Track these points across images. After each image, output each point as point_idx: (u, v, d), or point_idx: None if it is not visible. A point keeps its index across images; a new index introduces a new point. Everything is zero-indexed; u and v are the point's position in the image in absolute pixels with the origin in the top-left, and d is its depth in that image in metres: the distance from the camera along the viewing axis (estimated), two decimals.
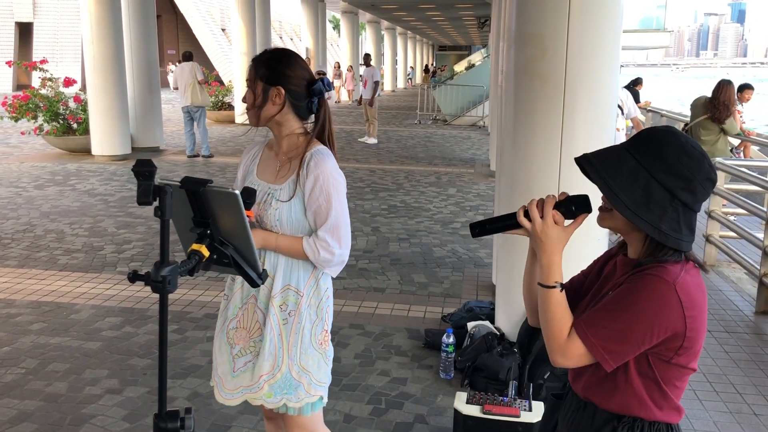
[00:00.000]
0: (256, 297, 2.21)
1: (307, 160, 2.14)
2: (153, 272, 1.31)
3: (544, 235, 1.49)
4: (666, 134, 1.45)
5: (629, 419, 1.50)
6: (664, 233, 1.41)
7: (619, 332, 1.42)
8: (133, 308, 4.84)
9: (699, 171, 1.41)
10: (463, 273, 5.80)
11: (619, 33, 3.80)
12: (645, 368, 1.47)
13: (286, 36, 47.89)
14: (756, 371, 4.05)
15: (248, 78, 2.16)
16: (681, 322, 1.41)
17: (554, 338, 1.48)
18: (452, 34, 46.70)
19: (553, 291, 1.48)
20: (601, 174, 1.44)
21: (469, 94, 19.70)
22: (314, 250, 2.12)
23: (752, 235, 5.49)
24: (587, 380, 1.56)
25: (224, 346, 2.25)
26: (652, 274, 1.42)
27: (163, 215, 1.30)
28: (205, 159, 11.91)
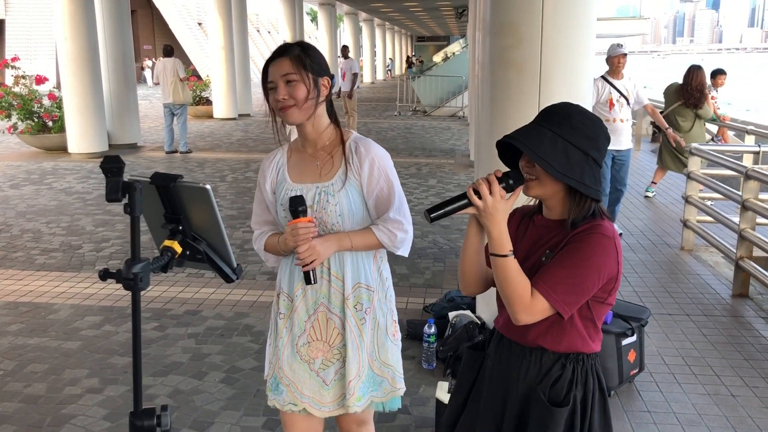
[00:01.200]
0: (325, 304, 2.13)
1: (353, 148, 2.10)
2: (124, 269, 1.30)
3: (494, 210, 1.65)
4: (567, 106, 1.72)
5: (574, 355, 1.75)
6: (588, 186, 1.65)
7: (577, 285, 1.66)
8: (113, 306, 4.80)
9: (600, 130, 1.70)
10: (445, 263, 5.81)
11: (594, 20, 3.82)
12: (585, 311, 1.73)
13: (263, 29, 47.59)
14: (733, 353, 4.11)
15: (289, 72, 2.00)
16: (615, 267, 1.68)
17: (519, 300, 1.66)
18: (430, 24, 46.64)
19: (509, 258, 1.66)
20: (530, 147, 1.64)
21: (448, 85, 19.71)
22: (389, 234, 2.10)
23: (728, 219, 5.56)
24: (536, 330, 1.75)
25: (299, 365, 2.15)
26: (597, 233, 1.67)
27: (133, 212, 1.28)
28: (183, 155, 11.82)
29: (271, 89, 2.04)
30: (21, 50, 27.69)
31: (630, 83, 6.32)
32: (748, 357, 4.06)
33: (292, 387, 2.16)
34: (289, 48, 2.05)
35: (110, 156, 1.26)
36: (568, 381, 1.74)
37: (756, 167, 5.12)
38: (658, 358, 4.03)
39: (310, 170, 2.13)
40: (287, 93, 2.00)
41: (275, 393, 2.20)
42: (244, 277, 5.47)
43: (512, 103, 3.77)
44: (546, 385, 1.75)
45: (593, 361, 1.78)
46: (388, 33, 49.60)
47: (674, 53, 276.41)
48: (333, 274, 2.12)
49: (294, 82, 2.01)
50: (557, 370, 1.75)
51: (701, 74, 7.53)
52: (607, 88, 6.21)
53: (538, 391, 1.75)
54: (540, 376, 1.76)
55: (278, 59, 2.03)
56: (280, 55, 2.03)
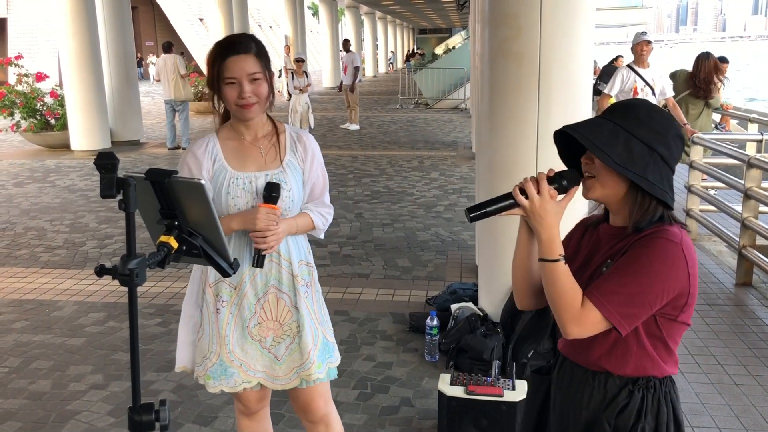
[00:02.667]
0: (276, 286, 2.21)
1: (295, 137, 2.24)
2: (120, 265, 1.30)
3: (543, 211, 1.51)
4: (635, 100, 1.60)
5: (643, 380, 1.57)
6: (651, 182, 1.48)
7: (635, 296, 1.48)
8: (117, 303, 4.81)
9: (670, 126, 1.53)
10: (447, 256, 5.82)
11: (593, 10, 3.80)
12: (653, 329, 1.54)
13: (264, 24, 47.49)
14: (737, 342, 4.11)
15: (256, 71, 2.04)
16: (686, 280, 1.50)
17: (568, 309, 1.51)
18: (432, 17, 46.50)
19: (559, 264, 1.52)
20: (586, 137, 1.50)
21: (450, 77, 19.66)
22: (323, 219, 2.30)
23: (731, 208, 5.54)
24: (598, 350, 1.60)
25: (250, 345, 2.22)
26: (661, 237, 1.50)
27: (128, 208, 1.29)
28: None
29: (230, 84, 2.05)
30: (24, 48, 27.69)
31: (656, 73, 6.27)
32: (752, 346, 4.05)
33: (244, 366, 2.23)
34: (247, 43, 2.07)
35: (104, 152, 1.27)
36: (637, 410, 1.58)
37: (758, 155, 5.10)
38: None
39: (252, 158, 2.18)
40: (252, 91, 2.05)
41: (222, 378, 2.23)
42: None
43: (511, 94, 3.76)
44: (611, 414, 1.59)
45: (667, 388, 1.60)
46: (389, 26, 49.46)
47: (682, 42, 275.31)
48: (282, 256, 2.21)
49: (258, 81, 2.06)
50: (624, 398, 1.58)
51: (709, 64, 7.33)
52: (632, 76, 6.18)
53: (603, 419, 1.60)
54: (605, 403, 1.60)
55: (241, 55, 2.04)
56: (243, 52, 2.05)
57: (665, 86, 6.24)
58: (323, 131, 14.04)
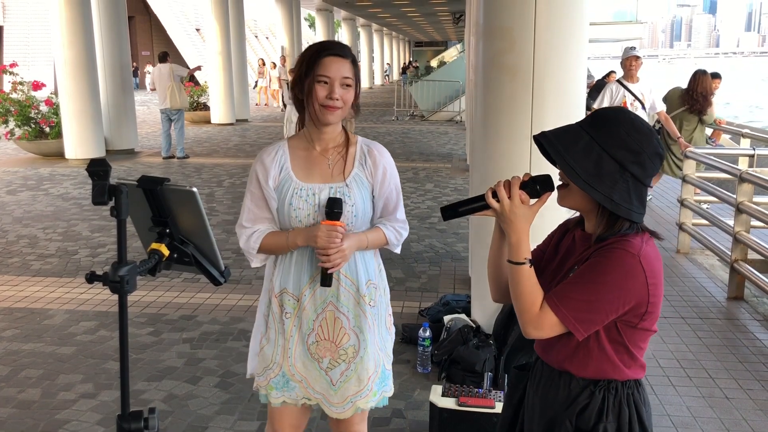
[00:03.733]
0: (334, 303, 2.14)
1: (365, 151, 2.18)
2: (111, 272, 1.30)
3: (512, 214, 1.56)
4: (618, 112, 1.57)
5: (604, 382, 1.62)
6: (616, 203, 1.51)
7: (589, 303, 1.53)
8: (108, 312, 4.79)
9: (648, 145, 1.53)
10: (441, 267, 5.82)
11: (586, 24, 3.83)
12: (614, 334, 1.59)
13: (261, 35, 47.66)
14: (728, 356, 4.11)
15: (349, 76, 2.05)
16: (645, 291, 1.53)
17: (527, 311, 1.57)
18: (428, 29, 46.76)
19: (523, 267, 1.57)
20: (557, 148, 1.53)
21: (445, 90, 19.73)
22: (397, 233, 2.21)
23: (723, 222, 5.57)
24: (561, 352, 1.65)
25: (310, 362, 2.17)
26: (618, 248, 1.53)
27: (119, 215, 1.29)
28: (180, 160, 11.82)
29: (322, 82, 2.03)
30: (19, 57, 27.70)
31: (646, 88, 6.28)
32: (743, 359, 4.06)
33: (305, 383, 2.18)
34: (347, 50, 2.08)
35: (96, 159, 1.27)
36: (597, 410, 1.62)
37: (750, 170, 5.13)
38: (653, 360, 4.03)
39: (319, 170, 2.13)
40: (341, 95, 2.03)
41: (284, 390, 2.19)
42: (240, 281, 5.47)
43: (505, 106, 3.78)
44: (572, 413, 1.64)
45: (630, 391, 1.64)
46: (386, 38, 49.70)
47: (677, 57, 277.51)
48: (343, 274, 2.14)
49: (349, 87, 2.06)
50: (585, 398, 1.63)
51: (706, 79, 7.45)
52: (621, 91, 6.19)
53: (564, 418, 1.65)
54: (567, 402, 1.65)
55: (339, 58, 2.04)
56: (342, 56, 2.05)
57: (655, 100, 6.28)
58: None
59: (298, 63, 2.10)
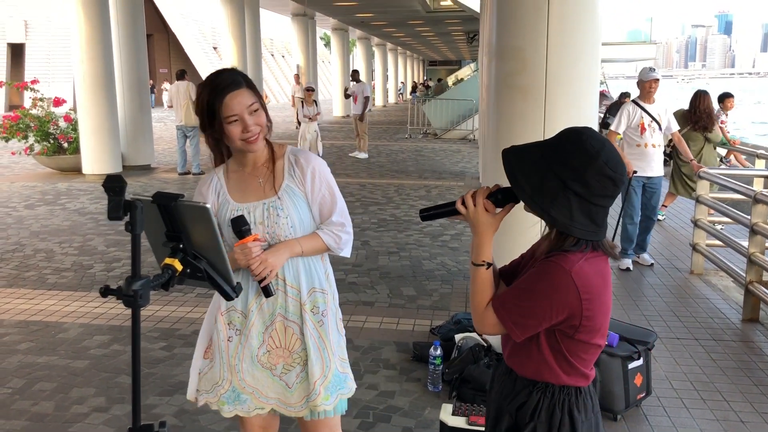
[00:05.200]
0: (282, 314, 2.19)
1: (292, 161, 2.20)
2: (124, 286, 1.33)
3: (476, 221, 1.71)
4: (575, 131, 1.64)
5: (542, 384, 1.73)
6: (552, 217, 1.59)
7: (523, 308, 1.65)
8: (122, 326, 4.83)
9: (590, 165, 1.57)
10: (452, 285, 5.81)
11: (599, 45, 3.85)
12: (553, 341, 1.69)
13: (277, 53, 48.14)
14: (743, 378, 4.07)
15: (253, 101, 2.06)
16: (577, 304, 1.61)
17: (475, 309, 1.73)
18: (442, 49, 47.01)
19: (481, 268, 1.72)
20: (510, 161, 1.66)
21: (458, 108, 19.80)
22: (335, 236, 2.23)
23: (738, 243, 5.53)
24: (510, 350, 1.79)
25: (260, 372, 2.21)
26: (553, 261, 1.63)
27: (134, 230, 1.32)
28: (196, 176, 11.92)
29: (232, 122, 2.04)
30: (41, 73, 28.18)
31: (662, 108, 6.20)
32: (758, 383, 4.02)
33: (256, 393, 2.23)
34: (237, 78, 2.07)
35: (112, 175, 1.30)
36: (532, 409, 1.73)
37: (764, 191, 5.10)
38: (666, 382, 3.99)
39: (252, 188, 2.18)
40: (254, 122, 2.06)
41: (236, 403, 2.24)
42: None
43: (517, 126, 3.80)
44: (513, 407, 1.77)
45: (567, 397, 1.72)
46: (400, 57, 50.00)
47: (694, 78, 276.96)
48: (288, 284, 2.19)
49: (258, 111, 2.07)
50: (524, 396, 1.75)
51: (708, 98, 7.58)
52: (639, 112, 6.08)
53: (507, 411, 1.78)
54: (511, 396, 1.78)
55: (236, 90, 2.04)
56: (237, 87, 2.04)
57: (671, 121, 6.24)
58: (332, 159, 14.12)
59: (198, 112, 2.10)
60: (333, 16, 26.31)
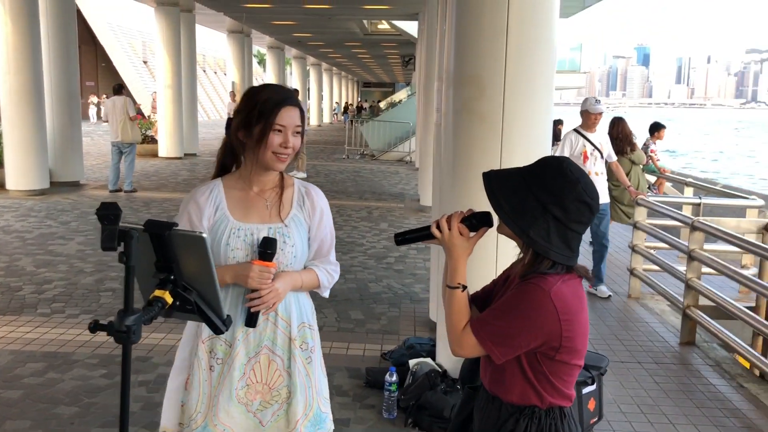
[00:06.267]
0: (269, 347, 2.11)
1: (303, 192, 2.19)
2: (117, 321, 1.24)
3: (451, 244, 1.74)
4: (556, 159, 1.71)
5: (529, 410, 1.72)
6: (531, 238, 1.63)
7: (503, 330, 1.66)
8: (57, 353, 4.57)
9: (570, 191, 1.64)
10: (400, 309, 5.79)
11: (554, 72, 3.94)
12: (535, 363, 1.69)
13: (209, 70, 47.42)
14: (686, 401, 4.19)
15: (299, 124, 2.07)
16: (557, 326, 1.63)
17: (452, 330, 1.73)
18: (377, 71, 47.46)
19: (456, 291, 1.74)
20: (491, 184, 1.70)
21: (395, 130, 19.97)
22: (329, 277, 2.22)
23: (675, 269, 5.73)
24: (491, 376, 1.78)
25: (235, 407, 2.09)
26: (532, 283, 1.65)
27: (129, 261, 1.23)
28: (128, 194, 11.54)
29: (278, 131, 2.03)
30: None
31: (604, 138, 6.36)
32: (700, 405, 4.15)
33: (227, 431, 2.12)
34: (296, 98, 2.10)
35: (107, 203, 1.22)
36: None
37: (701, 219, 5.32)
38: (614, 406, 4.07)
39: (256, 210, 2.13)
40: (293, 143, 2.05)
41: None
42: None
43: (475, 151, 3.83)
44: None
45: (553, 420, 1.73)
46: (335, 77, 50.15)
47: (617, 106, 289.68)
48: (279, 315, 2.12)
49: (299, 135, 2.07)
50: (511, 424, 1.73)
51: (623, 124, 7.90)
52: (581, 141, 6.18)
53: None
54: (496, 426, 1.76)
55: (293, 106, 2.06)
56: (295, 104, 2.06)
57: (610, 150, 6.44)
58: None
59: (246, 107, 2.07)
60: (270, 35, 26.20)
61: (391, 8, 16.70)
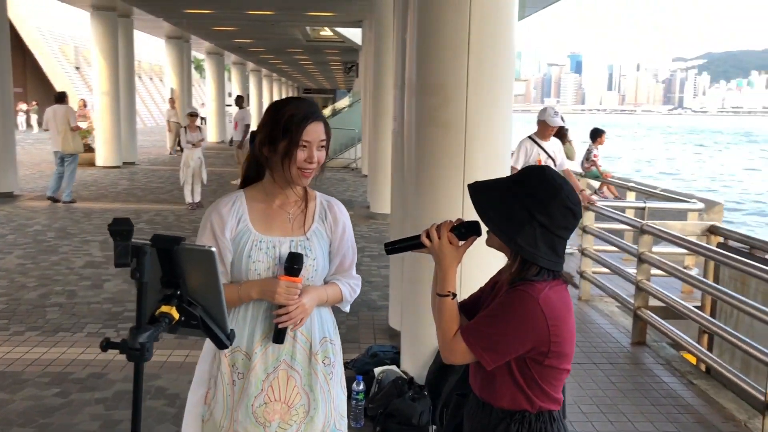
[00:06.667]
0: (287, 362, 2.06)
1: (326, 206, 2.18)
2: (130, 339, 1.20)
3: (441, 253, 1.77)
4: (539, 168, 1.78)
5: (519, 415, 1.74)
6: (519, 245, 1.67)
7: (493, 336, 1.70)
8: (5, 372, 4.38)
9: (554, 198, 1.69)
10: (358, 317, 5.78)
11: (512, 81, 4.03)
12: (525, 369, 1.72)
13: (145, 76, 46.36)
14: (642, 399, 4.33)
15: (324, 138, 2.05)
16: (545, 331, 1.67)
17: (443, 337, 1.76)
18: (318, 77, 47.32)
19: (446, 299, 1.77)
20: (478, 195, 1.74)
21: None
22: (352, 291, 2.21)
23: (625, 271, 5.91)
24: (481, 382, 1.80)
25: (254, 427, 2.03)
26: (521, 290, 1.69)
27: (142, 277, 1.20)
28: (67, 204, 11.15)
29: (303, 147, 2.01)
30: None
31: (557, 145, 6.45)
32: (655, 402, 4.29)
33: None
34: (318, 109, 2.08)
35: (119, 218, 1.18)
36: None
37: (650, 223, 5.51)
38: (575, 407, 4.17)
39: (278, 223, 2.11)
40: (318, 157, 2.04)
41: None
42: None
43: (439, 159, 3.88)
44: None
45: (543, 424, 1.75)
46: (275, 83, 49.75)
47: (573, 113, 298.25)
48: (299, 330, 2.08)
49: (323, 149, 2.06)
50: (502, 429, 1.75)
51: None
52: (536, 149, 6.25)
53: None
54: (488, 430, 1.78)
55: (319, 121, 2.04)
56: (320, 119, 2.04)
57: (564, 158, 6.58)
58: (214, 187, 13.70)
59: (270, 122, 2.04)
60: (210, 41, 25.80)
61: (335, 15, 16.69)
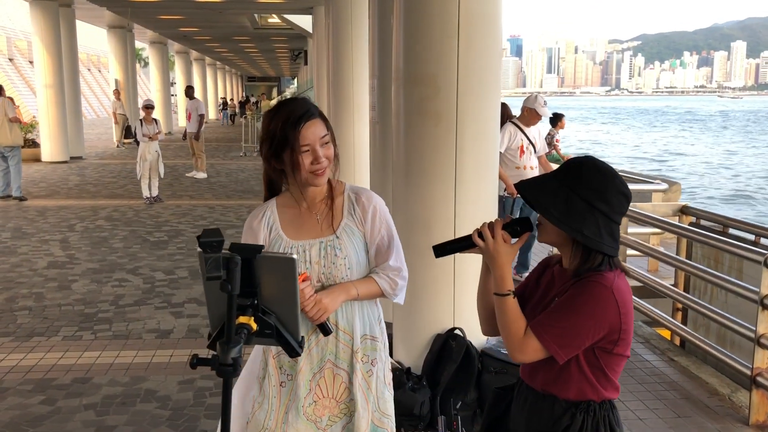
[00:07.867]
0: (332, 360, 2.06)
1: (353, 198, 2.12)
2: (221, 355, 1.16)
3: (496, 252, 1.76)
4: (583, 159, 1.79)
5: (584, 405, 1.77)
6: (585, 236, 1.68)
7: (569, 329, 1.70)
8: None
9: (611, 184, 1.72)
10: None
11: (500, 70, 4.04)
12: (592, 359, 1.74)
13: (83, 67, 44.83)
14: (628, 379, 4.43)
15: (325, 133, 2.00)
16: (617, 319, 1.70)
17: (512, 337, 1.74)
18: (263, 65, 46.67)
19: (508, 298, 1.76)
20: (531, 193, 1.77)
21: None
22: (391, 281, 2.11)
23: None
24: (544, 376, 1.80)
25: (305, 425, 2.04)
26: (593, 281, 1.70)
27: (233, 289, 1.15)
28: (18, 202, 10.74)
29: (305, 151, 1.96)
30: None
31: (537, 132, 6.40)
32: (641, 381, 4.41)
33: None
34: (312, 108, 2.01)
35: (209, 229, 1.13)
36: (577, 430, 1.76)
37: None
38: None
39: (309, 226, 2.08)
40: (324, 155, 1.98)
41: None
42: (128, 337, 5.04)
43: (429, 151, 3.85)
44: None
45: (606, 412, 1.79)
46: (219, 72, 48.80)
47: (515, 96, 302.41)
48: (341, 328, 2.08)
49: (328, 144, 2.00)
50: (567, 420, 1.77)
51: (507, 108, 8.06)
52: (519, 134, 6.20)
53: None
54: (550, 423, 1.79)
55: (311, 120, 1.98)
56: (313, 117, 1.98)
57: (544, 144, 6.62)
58: (169, 180, 13.41)
59: (268, 136, 2.01)
60: (155, 30, 25.12)
61: (285, 2, 16.46)
